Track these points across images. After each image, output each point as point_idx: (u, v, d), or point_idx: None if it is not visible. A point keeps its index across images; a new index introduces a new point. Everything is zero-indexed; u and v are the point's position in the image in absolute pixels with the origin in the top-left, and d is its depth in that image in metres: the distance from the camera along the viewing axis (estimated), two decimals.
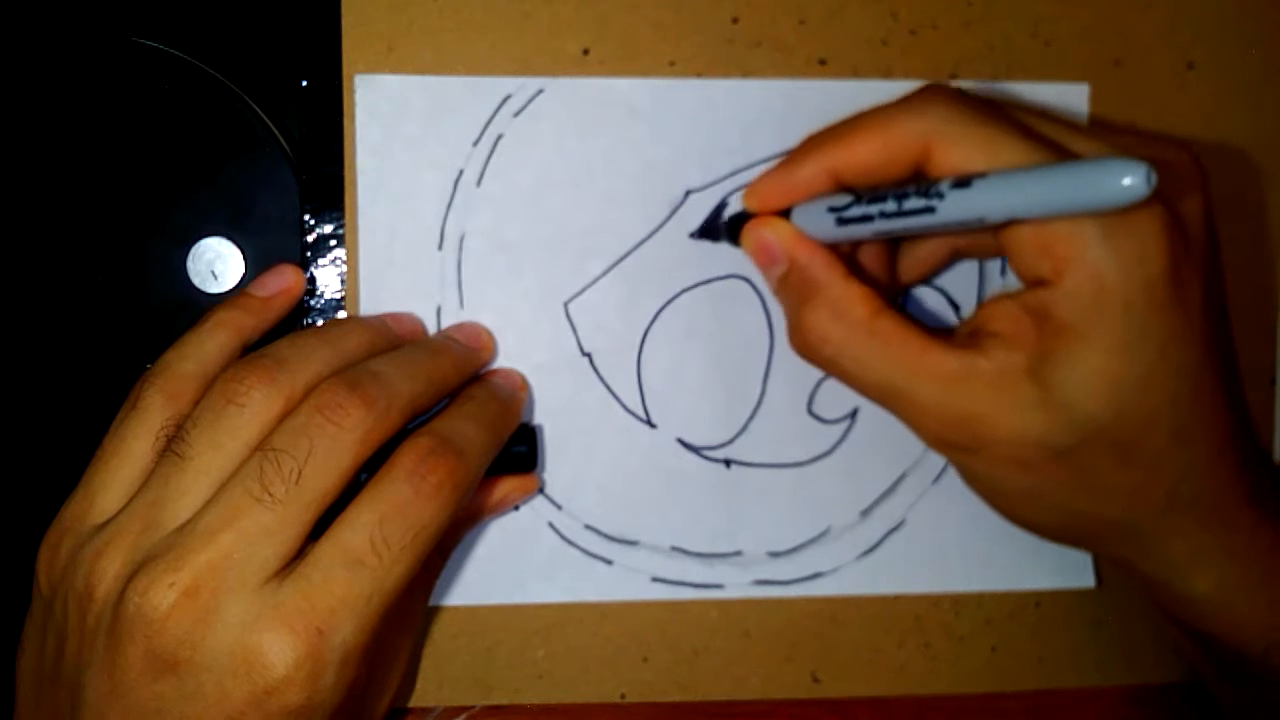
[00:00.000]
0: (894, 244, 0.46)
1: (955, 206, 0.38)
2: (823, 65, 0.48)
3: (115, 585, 0.36)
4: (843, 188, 0.42)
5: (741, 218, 0.45)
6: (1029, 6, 0.48)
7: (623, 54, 0.48)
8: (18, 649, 0.40)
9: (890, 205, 0.39)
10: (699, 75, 0.48)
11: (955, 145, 0.39)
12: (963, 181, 0.37)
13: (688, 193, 0.48)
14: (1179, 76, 0.49)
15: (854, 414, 0.49)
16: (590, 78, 0.48)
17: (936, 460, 0.49)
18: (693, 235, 0.48)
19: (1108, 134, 0.40)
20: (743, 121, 0.48)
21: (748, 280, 0.48)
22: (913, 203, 0.39)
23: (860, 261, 0.45)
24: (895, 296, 0.48)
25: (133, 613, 0.35)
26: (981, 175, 0.37)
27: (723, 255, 0.48)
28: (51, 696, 0.38)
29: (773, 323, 0.48)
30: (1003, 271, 0.49)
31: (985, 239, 0.45)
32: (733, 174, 0.48)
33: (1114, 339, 0.38)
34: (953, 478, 0.49)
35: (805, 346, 0.42)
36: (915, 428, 0.42)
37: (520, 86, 0.47)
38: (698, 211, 0.48)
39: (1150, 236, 0.37)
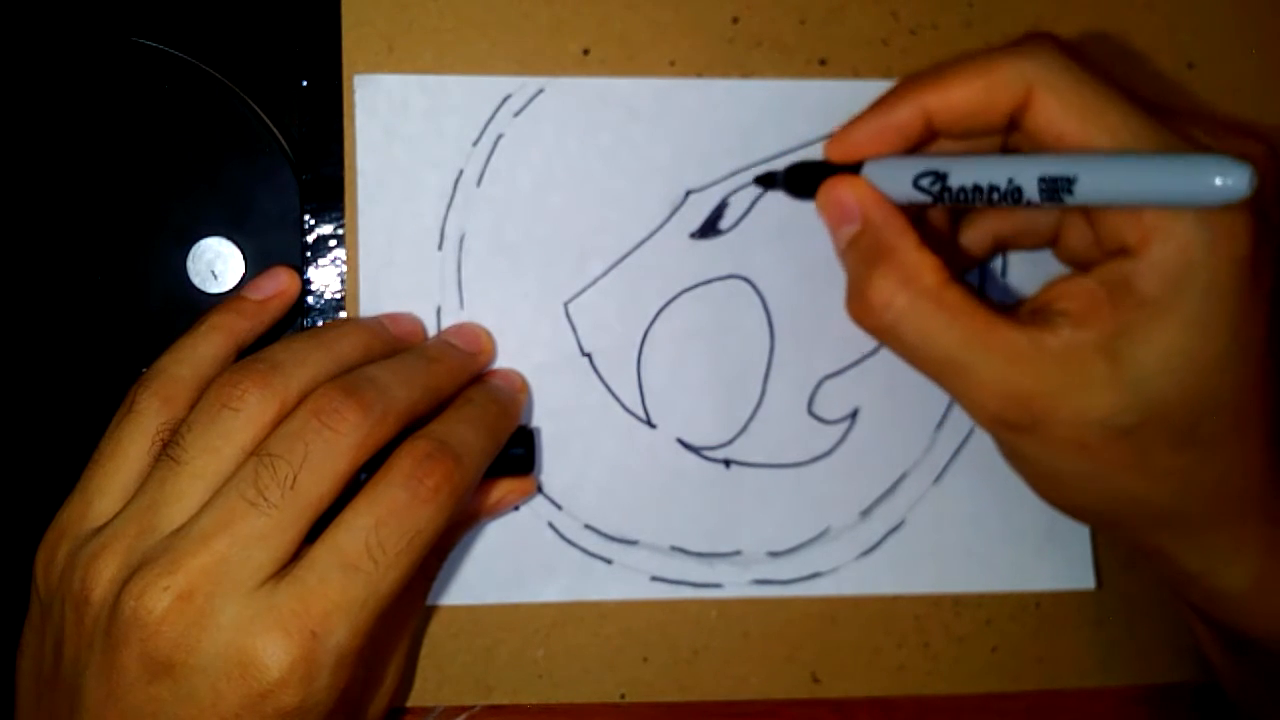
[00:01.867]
0: (953, 225, 0.46)
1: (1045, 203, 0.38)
2: (823, 65, 0.48)
3: (111, 589, 0.36)
4: (931, 139, 0.42)
5: (804, 167, 0.45)
6: (1029, 6, 0.48)
7: (623, 54, 0.48)
8: (17, 652, 0.41)
9: (978, 204, 0.39)
10: (699, 75, 0.48)
11: (1055, 98, 0.38)
12: (1050, 191, 0.37)
13: (688, 193, 0.48)
14: (1179, 77, 0.49)
15: (854, 414, 0.49)
16: (590, 78, 0.48)
17: (936, 460, 0.49)
18: (693, 235, 0.48)
19: (1195, 117, 0.40)
20: (743, 121, 0.48)
21: (748, 280, 0.48)
22: (1001, 204, 0.39)
23: (930, 220, 0.45)
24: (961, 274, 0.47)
25: (128, 616, 0.35)
26: (1069, 183, 0.36)
27: (723, 255, 0.48)
28: (50, 699, 0.38)
29: (773, 323, 0.48)
30: (1003, 273, 0.49)
31: (1033, 230, 0.45)
32: (733, 174, 0.48)
33: (1193, 315, 0.37)
34: (953, 478, 0.49)
35: (866, 311, 0.41)
36: (970, 403, 0.41)
37: (520, 86, 0.47)
38: (698, 211, 0.48)
39: (1240, 217, 0.37)
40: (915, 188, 0.40)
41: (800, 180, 0.44)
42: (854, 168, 0.43)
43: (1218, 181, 0.33)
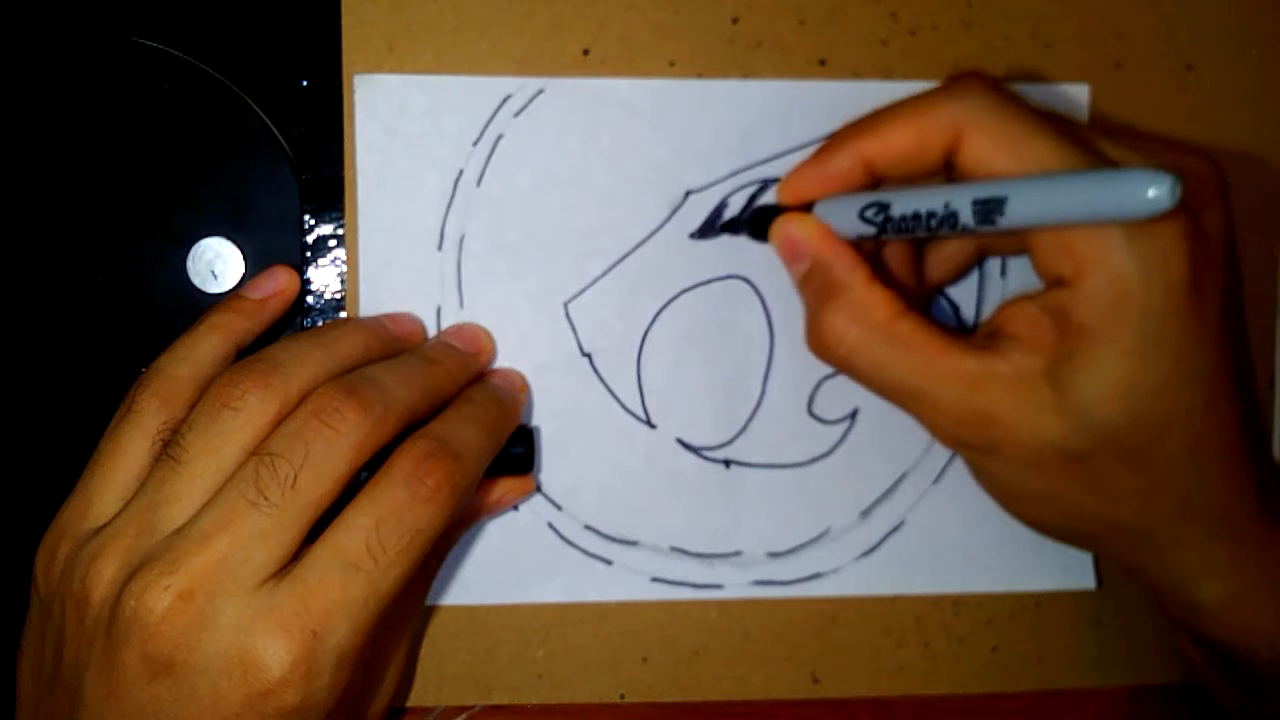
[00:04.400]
0: (918, 245, 0.46)
1: (985, 231, 0.38)
2: (823, 65, 0.48)
3: (112, 588, 0.36)
4: (875, 184, 0.42)
5: (765, 211, 0.45)
6: (1029, 7, 0.48)
7: (623, 54, 0.48)
8: (18, 652, 0.40)
9: (920, 233, 0.40)
10: (699, 75, 0.48)
11: (985, 135, 0.39)
12: (984, 212, 0.37)
13: (688, 193, 0.48)
14: (1179, 77, 0.49)
15: (854, 414, 0.49)
16: (590, 78, 0.48)
17: (936, 461, 0.49)
18: (693, 235, 0.48)
19: (1133, 140, 0.40)
20: (743, 122, 0.48)
21: (748, 280, 0.48)
22: (941, 230, 0.39)
23: (885, 258, 0.45)
24: (925, 299, 0.48)
25: (129, 616, 0.35)
26: (1000, 204, 0.37)
27: (723, 255, 0.48)
28: (51, 699, 0.38)
29: (773, 323, 0.48)
30: (1003, 273, 0.49)
31: (1018, 240, 0.45)
32: (733, 174, 0.48)
33: (1132, 344, 0.38)
34: (953, 479, 0.49)
35: (821, 346, 0.42)
36: (930, 426, 0.42)
37: (520, 86, 0.47)
38: (698, 211, 0.48)
39: (1172, 244, 0.37)
40: (861, 219, 0.41)
41: (762, 224, 0.45)
42: (807, 207, 0.44)
43: (1143, 193, 0.34)
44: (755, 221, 0.46)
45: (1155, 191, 0.33)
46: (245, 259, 0.48)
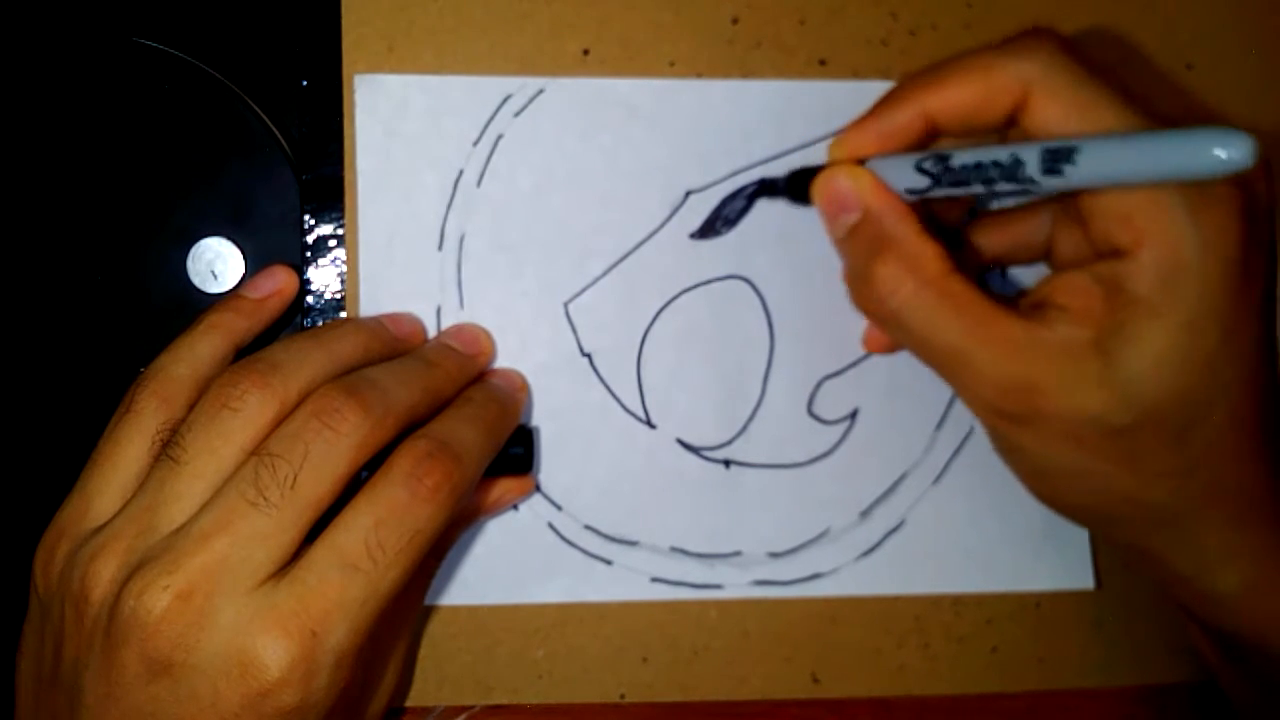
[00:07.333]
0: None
1: (1047, 185, 0.37)
2: (823, 65, 0.48)
3: (111, 588, 0.36)
4: (930, 148, 0.41)
5: (804, 173, 0.45)
6: (1028, 7, 0.48)
7: (623, 54, 0.48)
8: (17, 652, 0.40)
9: (977, 188, 0.39)
10: (699, 75, 0.48)
11: (1053, 99, 0.38)
12: (1052, 162, 0.37)
13: (688, 193, 0.48)
14: (1178, 77, 0.49)
15: (854, 414, 0.49)
16: (590, 78, 0.48)
17: (937, 461, 0.49)
18: (693, 235, 0.48)
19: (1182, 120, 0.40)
20: (743, 122, 0.48)
21: (748, 281, 0.48)
22: (1001, 187, 0.38)
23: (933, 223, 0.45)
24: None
25: (128, 616, 0.35)
26: (1070, 154, 0.36)
27: (723, 255, 0.48)
28: (50, 698, 0.38)
29: (773, 323, 0.48)
30: (1003, 273, 0.49)
31: (1027, 244, 0.45)
32: (733, 174, 0.48)
33: (1185, 316, 0.37)
34: (953, 479, 0.49)
35: (870, 299, 0.41)
36: (968, 393, 0.41)
37: (520, 86, 0.47)
38: (698, 211, 0.48)
39: (1230, 217, 0.37)
40: (918, 170, 0.40)
41: (802, 185, 0.44)
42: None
43: (1219, 153, 0.33)
44: (793, 182, 0.45)
45: (1234, 152, 0.32)
46: (245, 259, 0.48)
